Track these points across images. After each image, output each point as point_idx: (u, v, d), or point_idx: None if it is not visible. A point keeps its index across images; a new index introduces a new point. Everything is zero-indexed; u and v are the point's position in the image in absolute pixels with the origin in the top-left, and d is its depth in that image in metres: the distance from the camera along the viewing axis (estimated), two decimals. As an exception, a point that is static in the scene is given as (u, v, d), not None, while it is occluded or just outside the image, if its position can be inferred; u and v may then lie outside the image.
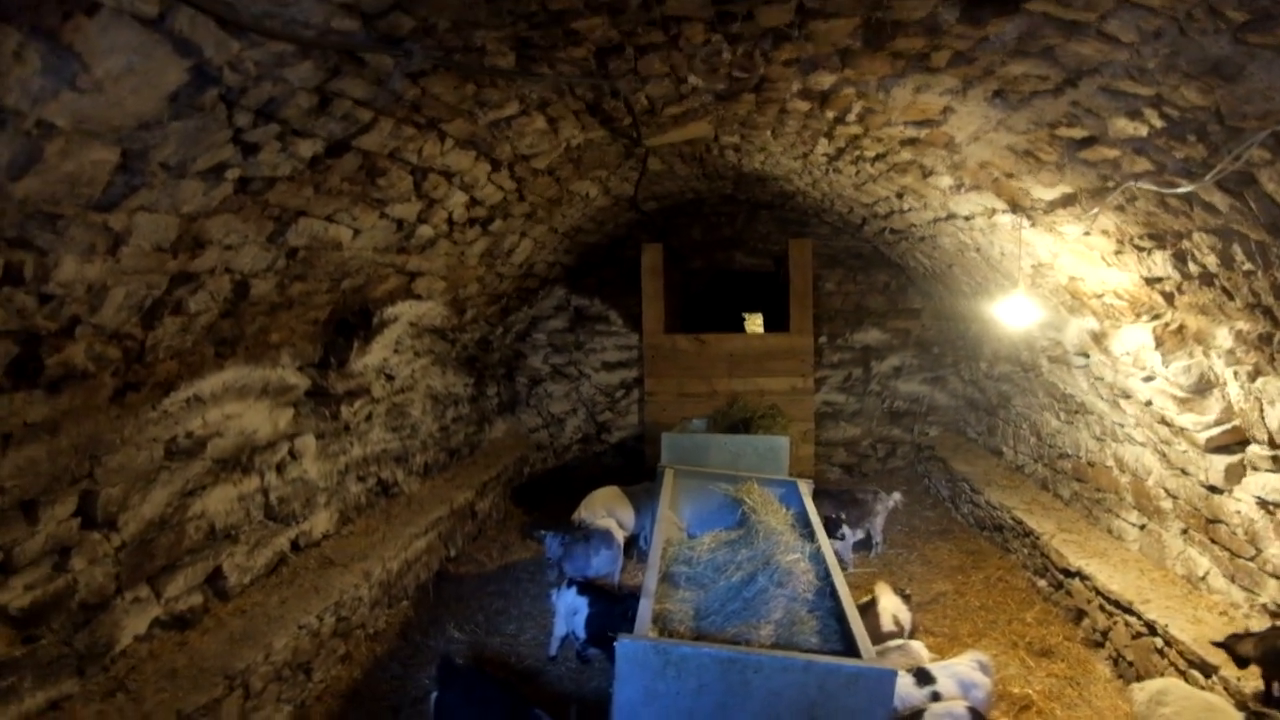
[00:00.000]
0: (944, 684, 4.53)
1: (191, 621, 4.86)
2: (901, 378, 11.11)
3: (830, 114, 5.31)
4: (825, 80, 4.59)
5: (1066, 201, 4.90)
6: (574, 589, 5.55)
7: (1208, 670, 4.58)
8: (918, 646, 5.05)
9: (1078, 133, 4.03)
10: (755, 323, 15.63)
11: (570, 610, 5.49)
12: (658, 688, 3.57)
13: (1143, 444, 6.10)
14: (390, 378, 7.36)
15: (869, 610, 5.35)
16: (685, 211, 10.98)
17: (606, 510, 7.37)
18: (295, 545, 6.01)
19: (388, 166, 4.49)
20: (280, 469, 5.80)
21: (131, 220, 3.27)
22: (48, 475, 3.75)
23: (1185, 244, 4.20)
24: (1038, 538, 7.00)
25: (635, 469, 10.26)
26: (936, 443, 10.73)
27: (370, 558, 6.18)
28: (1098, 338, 6.03)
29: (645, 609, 4.02)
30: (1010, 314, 6.22)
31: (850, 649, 3.83)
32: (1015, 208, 5.55)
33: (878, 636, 5.12)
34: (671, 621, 4.12)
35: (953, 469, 9.50)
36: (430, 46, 3.52)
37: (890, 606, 5.60)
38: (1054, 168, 4.62)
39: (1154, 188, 3.94)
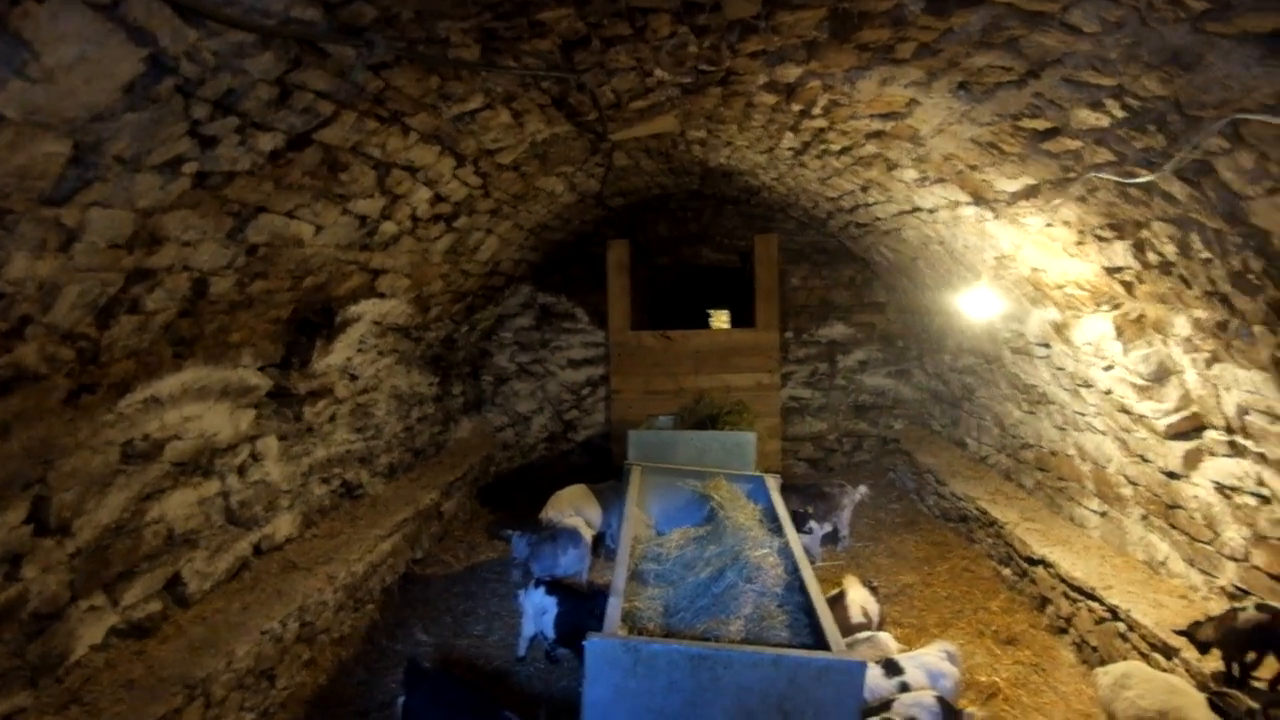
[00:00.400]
0: (912, 674, 4.56)
1: (150, 630, 4.73)
2: (867, 372, 11.20)
3: (796, 107, 5.32)
4: (791, 73, 4.59)
5: (1029, 193, 4.96)
6: (542, 588, 5.51)
7: (1169, 653, 4.67)
8: (886, 638, 5.08)
9: (1040, 124, 4.07)
10: (721, 319, 15.67)
11: (539, 610, 5.44)
12: (628, 685, 3.55)
13: (1103, 432, 6.20)
14: (354, 377, 7.24)
15: (837, 603, 5.37)
16: (651, 207, 10.96)
17: (573, 509, 7.33)
18: (257, 549, 5.89)
19: (350, 161, 4.41)
20: (241, 471, 5.67)
21: (85, 215, 3.17)
22: (-2, 480, 3.63)
23: (1145, 234, 4.27)
24: (1002, 527, 7.09)
25: (602, 467, 10.23)
26: (901, 436, 10.83)
27: (335, 561, 6.08)
28: (1059, 328, 6.12)
29: (614, 607, 4.00)
30: (974, 306, 6.29)
31: (820, 642, 3.84)
32: (978, 200, 5.61)
33: (847, 629, 5.14)
34: (641, 619, 4.10)
35: (918, 461, 9.60)
36: (393, 37, 3.45)
37: (858, 599, 5.63)
38: (1017, 159, 4.67)
39: (1115, 178, 4.00)
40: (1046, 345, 6.61)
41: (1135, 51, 3.07)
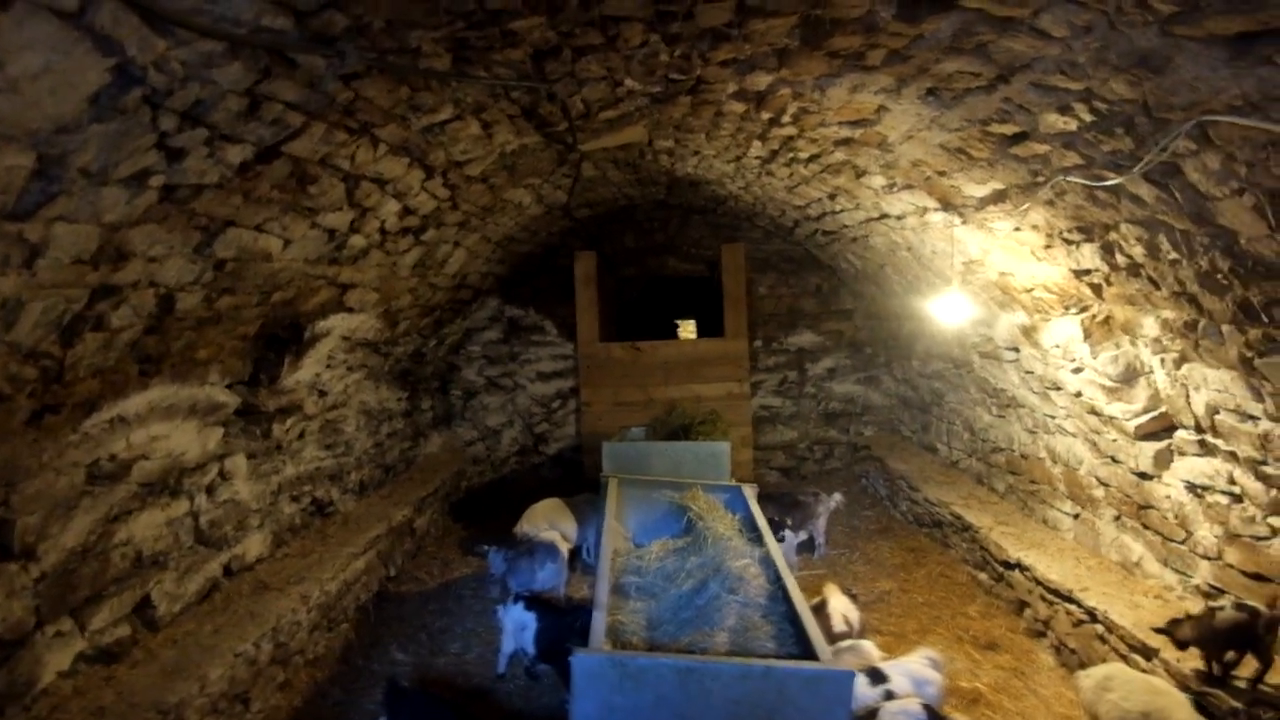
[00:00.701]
0: (897, 682, 4.56)
1: (119, 654, 4.60)
2: (836, 379, 11.27)
3: (765, 115, 5.35)
4: (762, 80, 4.61)
5: (997, 198, 5.02)
6: (521, 604, 5.44)
7: (1149, 654, 4.71)
8: (868, 646, 5.08)
9: (1009, 129, 4.12)
10: (688, 329, 15.69)
11: (518, 626, 5.37)
12: (615, 701, 3.50)
13: (1074, 434, 6.27)
14: (323, 394, 7.13)
15: (819, 612, 5.37)
16: (618, 218, 10.96)
17: (549, 523, 7.27)
18: (228, 570, 5.76)
19: (319, 173, 4.35)
20: (210, 491, 5.55)
21: (49, 230, 3.08)
22: (-41, 505, 3.51)
23: (1113, 235, 4.33)
24: (976, 532, 7.15)
25: (574, 480, 10.17)
26: (872, 442, 10.90)
27: (307, 580, 5.96)
28: (1028, 332, 6.19)
29: (599, 621, 3.95)
30: (945, 311, 6.34)
31: (807, 652, 3.82)
32: (947, 206, 5.66)
33: (829, 637, 5.12)
34: (624, 633, 4.06)
35: (889, 467, 9.66)
36: (364, 47, 3.41)
37: (840, 607, 5.63)
38: (985, 164, 4.72)
39: (1083, 181, 4.05)
40: (1015, 349, 6.68)
41: (1104, 55, 3.11)
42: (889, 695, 4.47)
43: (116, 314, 3.86)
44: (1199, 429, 4.72)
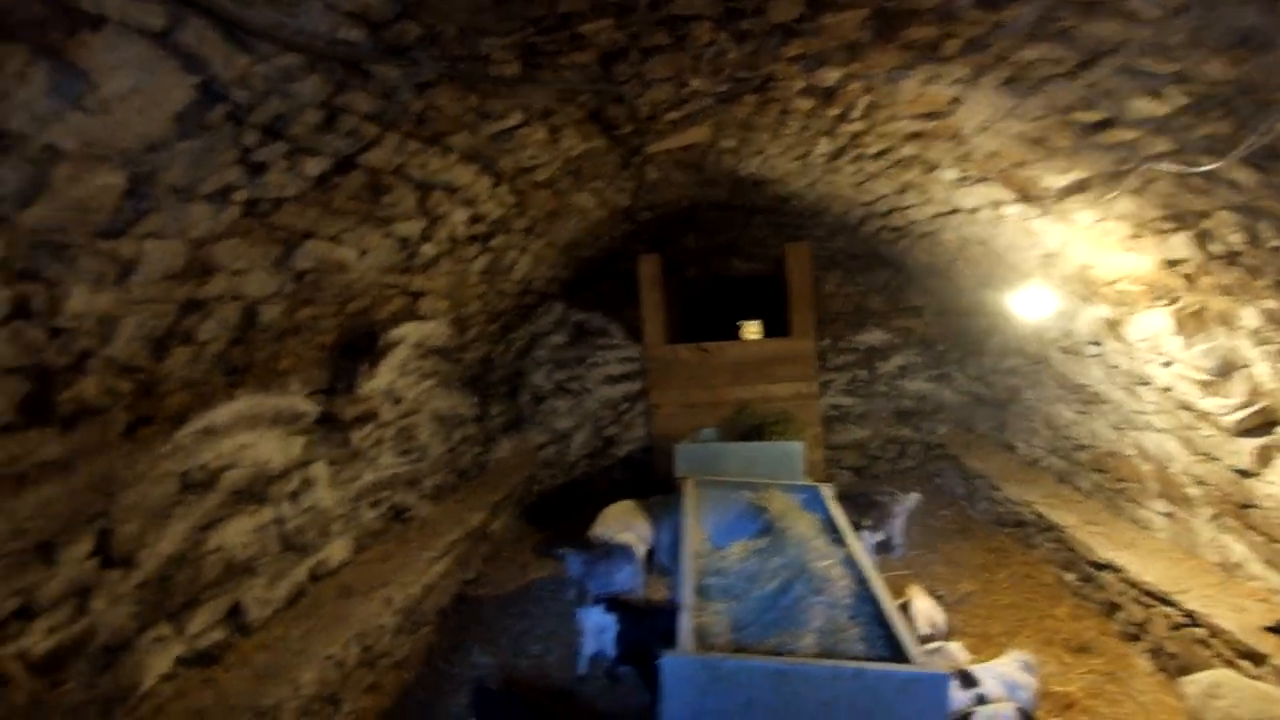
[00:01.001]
0: (989, 685, 4.43)
1: (216, 658, 4.74)
2: (907, 377, 11.05)
3: (833, 111, 5.26)
4: (831, 76, 4.52)
5: (1080, 188, 4.84)
6: (600, 606, 5.45)
7: (1258, 659, 4.48)
8: (955, 648, 4.95)
9: (1093, 116, 3.97)
10: (751, 330, 15.56)
11: (598, 628, 5.38)
12: (705, 703, 3.47)
13: (1164, 431, 6.03)
14: (397, 401, 7.25)
15: (903, 613, 5.25)
16: (681, 220, 10.92)
17: (623, 525, 7.26)
18: (314, 575, 5.90)
19: (392, 183, 4.42)
20: (294, 498, 5.69)
21: (140, 247, 3.18)
22: (64, 515, 3.64)
23: (1208, 223, 4.14)
24: (1062, 531, 6.92)
25: (644, 482, 10.15)
26: (946, 440, 10.65)
27: (389, 584, 6.06)
28: (1111, 325, 5.97)
29: (686, 623, 3.92)
30: (1025, 305, 6.16)
31: (898, 654, 3.73)
32: (1024, 197, 5.49)
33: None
34: (709, 635, 4.01)
35: (966, 466, 9.43)
36: (436, 56, 3.45)
37: (925, 609, 5.50)
38: (1067, 154, 4.56)
39: (1174, 168, 3.88)
40: (1098, 343, 6.45)
41: (1199, 36, 2.97)
42: (980, 699, 4.34)
43: (204, 327, 3.97)
44: (1305, 422, 4.49)
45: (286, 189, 3.67)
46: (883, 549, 7.76)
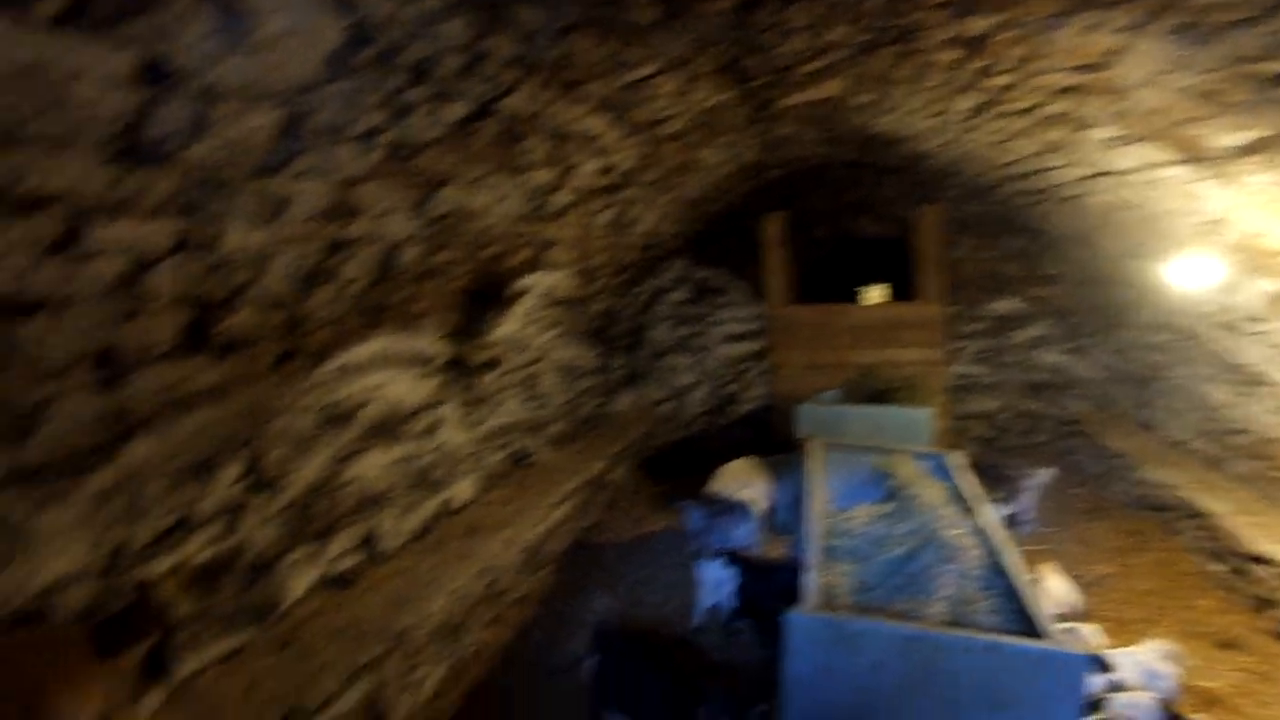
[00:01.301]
0: (1127, 672, 4.19)
1: (350, 582, 5.03)
2: (1041, 348, 10.52)
3: (978, 64, 4.96)
4: (979, 25, 4.26)
5: (1255, 148, 4.43)
6: (720, 561, 5.45)
7: None
8: (1089, 631, 4.72)
9: (1277, 67, 3.60)
10: (872, 295, 15.12)
11: (716, 582, 5.38)
12: (830, 662, 3.42)
13: (1337, 414, 5.53)
14: (523, 349, 7.41)
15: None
16: (808, 178, 10.61)
17: (743, 482, 7.23)
18: (442, 512, 6.14)
19: (527, 131, 4.44)
20: (425, 437, 5.91)
21: (292, 187, 3.30)
22: (218, 439, 3.88)
23: None
24: (1210, 519, 6.48)
25: (762, 442, 10.05)
26: (1082, 417, 10.12)
27: (512, 525, 6.26)
28: (1278, 301, 5.49)
29: (812, 581, 3.87)
30: (1181, 276, 5.73)
31: (1030, 630, 3.57)
32: (1188, 158, 5.08)
33: (1043, 617, 4.81)
34: (833, 595, 3.95)
35: (1103, 444, 8.93)
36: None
37: (1058, 587, 5.26)
38: (1243, 110, 4.17)
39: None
40: (1261, 320, 5.94)
41: None
42: (1116, 687, 4.13)
43: (347, 267, 4.12)
44: None
45: (428, 133, 3.74)
46: (1010, 524, 7.46)
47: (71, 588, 3.31)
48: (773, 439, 9.53)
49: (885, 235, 10.86)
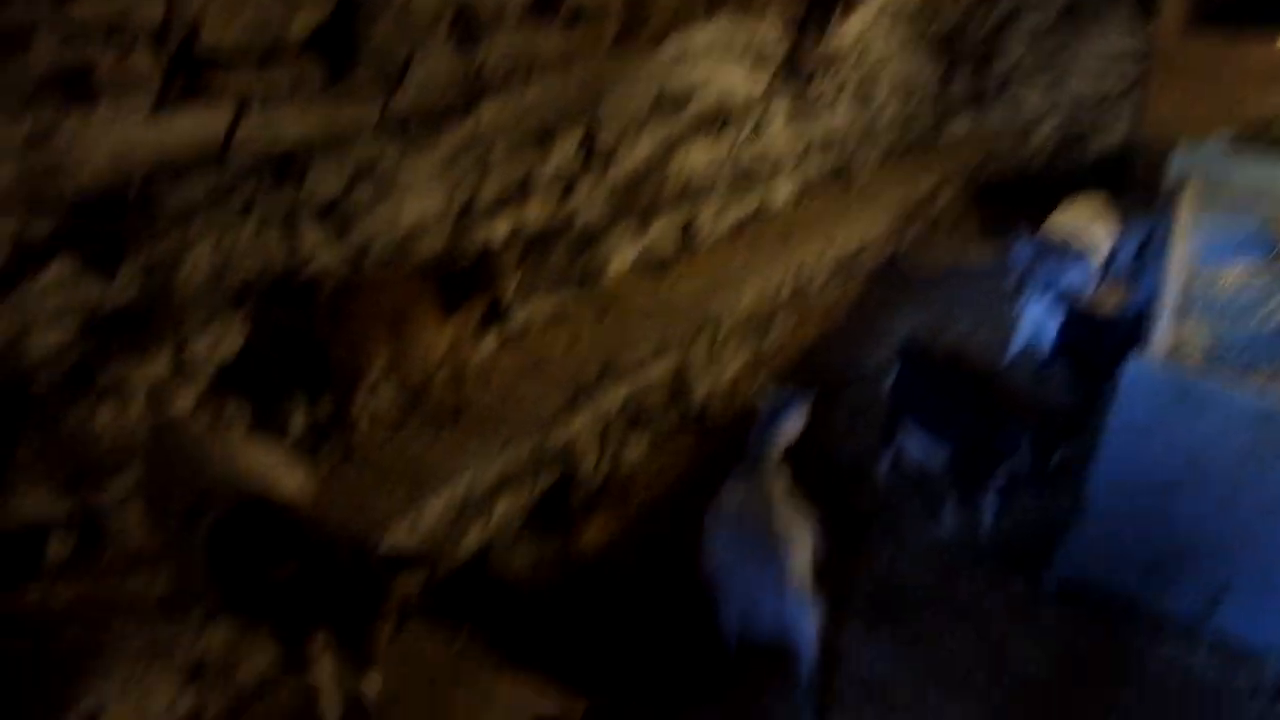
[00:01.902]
0: None
1: (666, 265, 5.28)
2: None
3: None
4: None
5: None
6: (1044, 300, 5.03)
7: None
8: None
9: None
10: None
11: (1038, 322, 5.01)
12: (1163, 419, 3.11)
13: None
14: (862, 54, 6.87)
15: None
16: None
17: (1087, 221, 6.45)
18: (758, 212, 6.16)
19: None
20: (751, 134, 5.82)
21: None
22: (559, 109, 4.05)
23: None
24: None
25: (1114, 185, 8.85)
26: None
27: (826, 235, 6.18)
28: None
29: (1163, 331, 3.45)
30: None
31: None
32: None
33: None
34: (1183, 351, 3.52)
35: None
36: None
37: None
38: None
39: None
40: None
41: None
42: None
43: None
44: None
45: None
46: None
47: (426, 236, 3.73)
48: (1129, 183, 8.38)
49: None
